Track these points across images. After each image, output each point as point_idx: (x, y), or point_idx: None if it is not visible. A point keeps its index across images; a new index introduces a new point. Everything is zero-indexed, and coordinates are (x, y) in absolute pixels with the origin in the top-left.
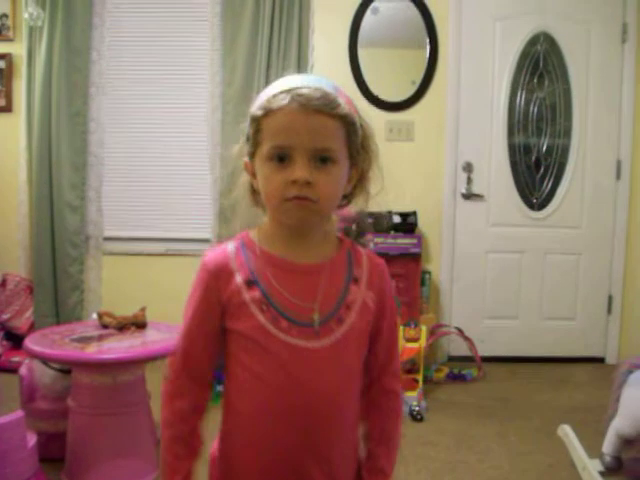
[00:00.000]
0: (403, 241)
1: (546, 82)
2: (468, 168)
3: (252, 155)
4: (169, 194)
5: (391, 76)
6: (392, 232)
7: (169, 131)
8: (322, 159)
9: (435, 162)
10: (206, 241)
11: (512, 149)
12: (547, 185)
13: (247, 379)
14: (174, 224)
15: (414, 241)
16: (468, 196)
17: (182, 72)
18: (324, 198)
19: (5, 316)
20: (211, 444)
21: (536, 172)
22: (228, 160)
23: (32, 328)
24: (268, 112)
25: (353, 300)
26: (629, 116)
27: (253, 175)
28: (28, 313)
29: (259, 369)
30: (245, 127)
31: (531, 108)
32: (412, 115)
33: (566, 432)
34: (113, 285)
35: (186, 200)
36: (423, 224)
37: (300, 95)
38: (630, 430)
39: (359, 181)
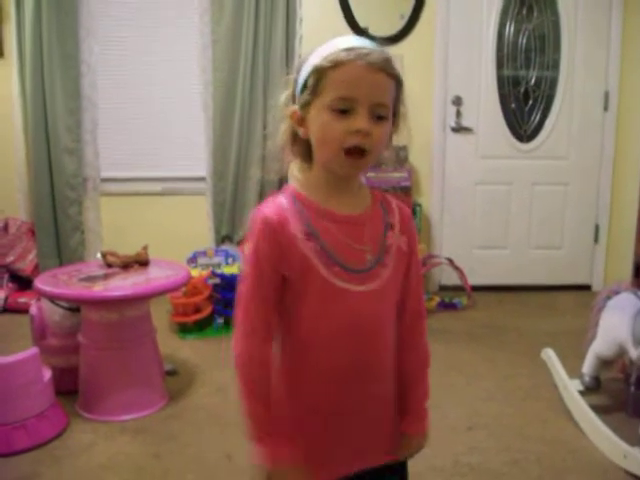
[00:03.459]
0: (394, 175)
1: (535, 13)
2: (457, 101)
3: (306, 105)
4: (163, 134)
5: (380, 10)
6: (383, 166)
7: (160, 71)
8: (377, 115)
9: (425, 96)
10: (201, 179)
11: (501, 81)
12: (535, 117)
13: (310, 316)
14: (169, 163)
15: (404, 175)
16: (457, 129)
17: (171, 11)
18: (376, 150)
19: (9, 259)
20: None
21: (525, 104)
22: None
23: (36, 270)
24: (336, 64)
25: (390, 245)
26: (617, 48)
27: (299, 124)
28: (31, 255)
29: (320, 308)
30: (296, 77)
31: (520, 40)
32: (401, 49)
33: (549, 355)
34: (112, 225)
35: (180, 139)
36: (413, 158)
37: (366, 54)
38: (608, 352)
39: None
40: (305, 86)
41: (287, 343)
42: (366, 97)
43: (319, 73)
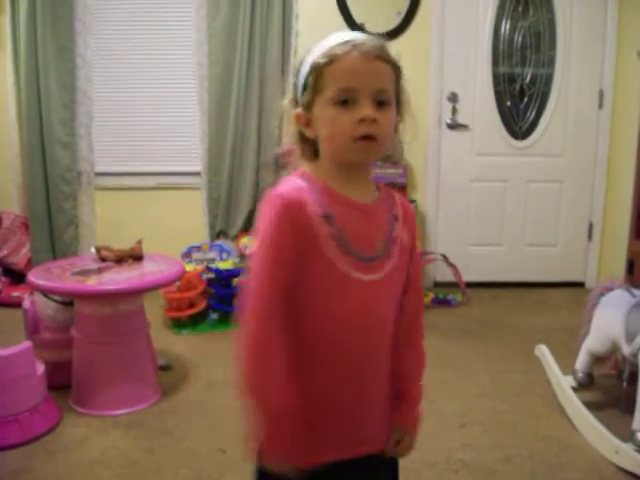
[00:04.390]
0: (389, 171)
1: (531, 11)
2: (453, 98)
3: (309, 104)
4: (158, 128)
5: (376, 6)
6: (378, 162)
7: (156, 66)
8: (380, 102)
9: (421, 93)
10: (196, 174)
11: (496, 79)
12: (530, 114)
13: (315, 304)
14: (164, 158)
15: (400, 171)
16: (453, 126)
17: (167, 6)
18: (384, 136)
19: (3, 253)
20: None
21: (520, 101)
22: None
23: (30, 264)
24: (332, 59)
25: (396, 237)
26: (612, 46)
27: (306, 125)
28: (25, 249)
29: (325, 296)
30: (296, 80)
31: (516, 37)
32: (397, 46)
33: (542, 351)
34: (106, 219)
35: (175, 134)
36: (409, 154)
37: (360, 44)
38: (601, 349)
39: (395, 126)
40: (306, 86)
41: (294, 329)
42: (366, 86)
43: (317, 70)
